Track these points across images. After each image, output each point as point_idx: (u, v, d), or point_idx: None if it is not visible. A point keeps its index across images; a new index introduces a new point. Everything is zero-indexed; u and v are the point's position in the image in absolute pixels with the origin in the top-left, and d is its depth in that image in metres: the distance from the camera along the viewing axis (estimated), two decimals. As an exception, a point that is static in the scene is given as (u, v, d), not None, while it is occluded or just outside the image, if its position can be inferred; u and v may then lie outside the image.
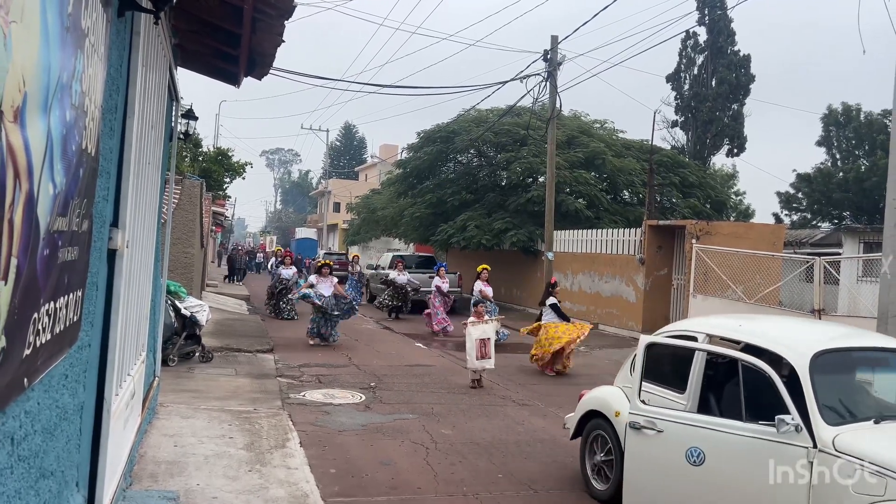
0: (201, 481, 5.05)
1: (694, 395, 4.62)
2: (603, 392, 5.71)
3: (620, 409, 5.07)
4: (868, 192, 26.56)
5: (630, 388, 5.00)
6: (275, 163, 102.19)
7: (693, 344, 4.77)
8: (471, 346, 9.57)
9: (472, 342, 9.56)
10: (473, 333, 9.63)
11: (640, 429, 4.56)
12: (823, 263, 12.36)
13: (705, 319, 5.85)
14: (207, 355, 10.21)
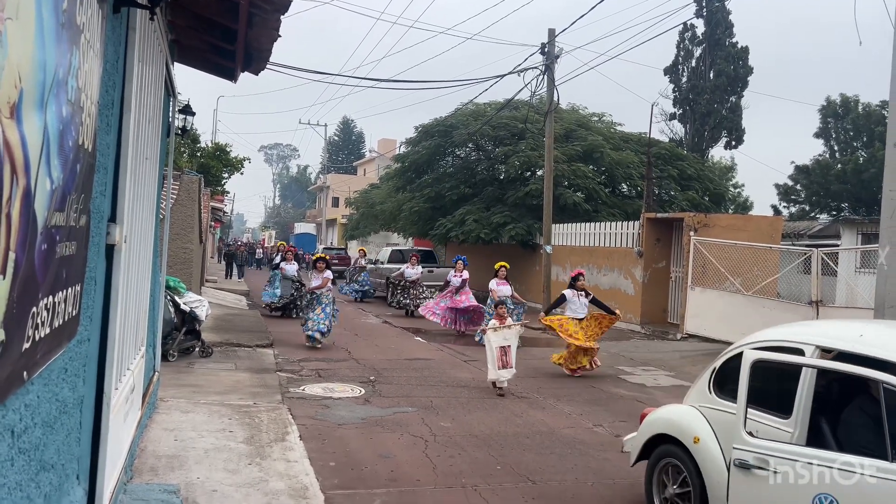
0: (201, 475, 5.08)
1: (802, 422, 3.80)
2: (675, 413, 4.82)
3: (700, 434, 4.32)
4: (866, 183, 26.58)
5: (711, 408, 4.42)
6: (273, 158, 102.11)
7: (819, 363, 3.79)
8: (491, 355, 8.71)
9: (492, 350, 8.67)
10: (493, 341, 8.72)
11: (750, 468, 3.68)
12: (821, 255, 12.40)
13: (810, 327, 4.96)
14: (207, 350, 10.25)
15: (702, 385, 4.72)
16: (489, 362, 8.71)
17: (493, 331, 8.84)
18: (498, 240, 22.06)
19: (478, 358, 11.79)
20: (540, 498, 5.17)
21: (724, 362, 4.56)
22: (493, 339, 8.72)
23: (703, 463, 4.22)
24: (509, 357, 8.68)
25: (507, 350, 8.70)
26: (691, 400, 4.80)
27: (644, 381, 10.27)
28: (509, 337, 8.81)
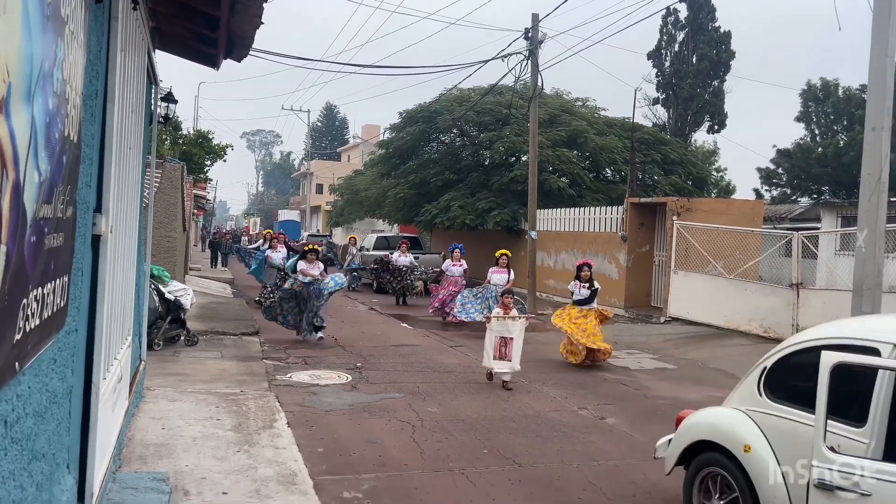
0: (190, 462, 5.11)
1: (879, 432, 3.34)
2: (720, 417, 4.34)
3: (751, 442, 3.90)
4: (846, 166, 26.88)
5: (763, 413, 3.96)
6: (256, 144, 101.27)
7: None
8: (489, 343, 8.38)
9: (491, 339, 8.36)
10: (495, 329, 8.38)
11: (834, 490, 3.20)
12: (801, 238, 12.57)
13: (884, 322, 4.33)
14: (193, 339, 10.23)
15: (749, 386, 4.24)
16: (486, 350, 8.44)
17: (496, 319, 8.48)
18: (483, 226, 22.11)
19: (464, 344, 11.88)
20: (526, 480, 5.26)
21: (778, 361, 4.10)
22: (495, 327, 8.40)
23: (756, 475, 3.79)
24: (509, 350, 8.25)
25: (507, 342, 8.27)
26: (735, 402, 4.32)
27: (628, 364, 10.41)
28: (512, 329, 8.32)
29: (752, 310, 12.91)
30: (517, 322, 8.42)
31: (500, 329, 8.33)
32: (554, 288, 19.41)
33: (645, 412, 7.57)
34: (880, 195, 8.24)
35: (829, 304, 11.42)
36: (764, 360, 4.21)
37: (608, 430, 6.81)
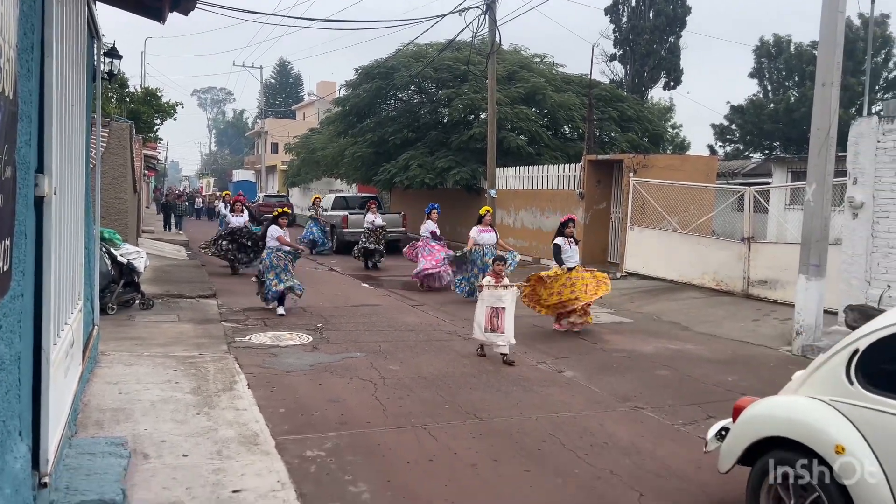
0: (149, 426, 5.06)
1: None
2: (798, 409, 3.57)
3: (845, 442, 3.23)
4: (797, 122, 27.45)
5: (856, 406, 3.30)
6: (207, 102, 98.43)
7: None
8: (479, 314, 7.68)
9: (482, 309, 7.66)
10: (486, 299, 7.67)
11: None
12: (753, 193, 12.85)
13: None
14: (148, 302, 10.04)
15: (832, 371, 3.50)
16: (476, 322, 7.71)
17: (487, 288, 7.74)
18: (443, 185, 22.02)
19: (425, 303, 11.93)
20: (486, 433, 5.35)
21: (879, 342, 3.35)
22: (486, 297, 7.68)
23: (856, 486, 3.15)
24: (501, 320, 7.58)
25: (499, 312, 7.59)
26: (813, 390, 3.58)
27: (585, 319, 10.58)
28: (504, 298, 7.65)
29: (705, 264, 13.22)
30: (509, 290, 7.76)
31: (491, 299, 7.64)
32: (514, 246, 19.49)
33: (601, 365, 7.74)
34: (829, 150, 8.43)
35: (778, 256, 11.76)
36: (854, 340, 3.46)
37: (566, 382, 6.95)
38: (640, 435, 5.40)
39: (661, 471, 4.67)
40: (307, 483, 4.29)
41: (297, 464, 4.59)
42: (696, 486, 4.42)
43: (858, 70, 26.39)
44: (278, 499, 3.98)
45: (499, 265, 8.03)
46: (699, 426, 5.65)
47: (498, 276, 7.91)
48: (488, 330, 7.59)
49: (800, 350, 8.46)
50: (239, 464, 4.46)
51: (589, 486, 4.40)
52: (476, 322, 7.73)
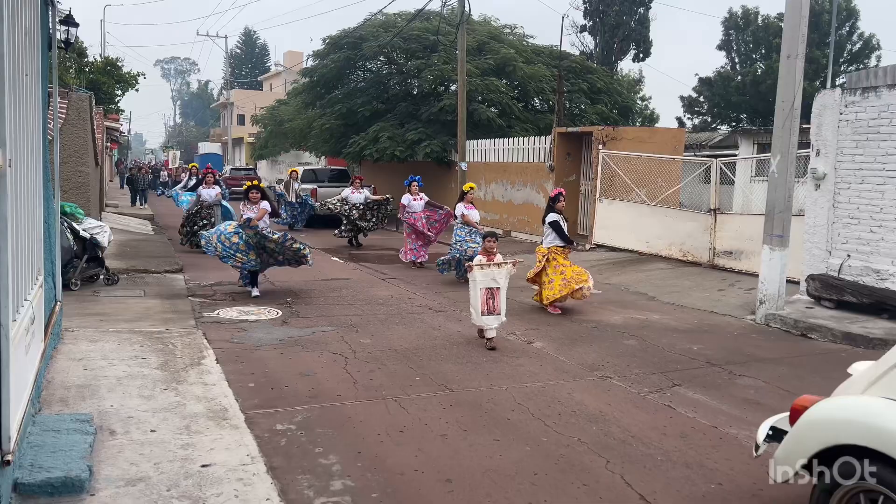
0: (115, 402, 5.00)
1: None
2: (877, 414, 3.08)
3: None
4: (764, 94, 27.74)
5: None
6: (171, 73, 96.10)
7: None
8: (475, 297, 7.14)
9: (477, 292, 7.11)
10: (479, 280, 7.12)
11: None
12: (720, 165, 13.01)
13: None
14: (112, 278, 9.88)
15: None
16: (473, 306, 7.20)
17: (479, 268, 7.18)
18: (413, 157, 21.88)
19: (396, 276, 11.92)
20: (457, 404, 5.40)
21: None
22: (479, 278, 7.13)
23: None
24: (497, 301, 7.13)
25: (494, 293, 7.13)
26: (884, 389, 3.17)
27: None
28: (498, 277, 7.20)
29: (673, 235, 13.40)
30: (503, 269, 7.27)
31: (484, 279, 7.12)
32: (484, 219, 19.56)
33: (570, 336, 7.84)
34: (793, 122, 8.54)
35: (743, 227, 11.96)
36: None
37: (535, 353, 7.03)
38: (608, 403, 5.50)
39: (626, 437, 4.77)
40: (277, 456, 4.29)
41: (267, 437, 4.59)
42: (660, 453, 4.52)
43: (824, 42, 26.70)
44: (248, 472, 3.98)
45: (490, 242, 7.47)
46: (664, 394, 5.77)
47: (490, 253, 7.40)
48: (485, 313, 7.08)
49: (763, 319, 8.66)
50: (208, 438, 4.44)
51: (557, 453, 4.48)
52: (472, 306, 7.19)
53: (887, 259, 8.72)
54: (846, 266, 9.12)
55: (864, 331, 7.74)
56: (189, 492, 3.71)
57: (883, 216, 8.80)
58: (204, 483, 3.81)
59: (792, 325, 8.27)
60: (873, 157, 8.91)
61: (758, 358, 7.04)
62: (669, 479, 4.12)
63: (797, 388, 5.94)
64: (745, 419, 5.18)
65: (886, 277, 8.64)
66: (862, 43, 29.70)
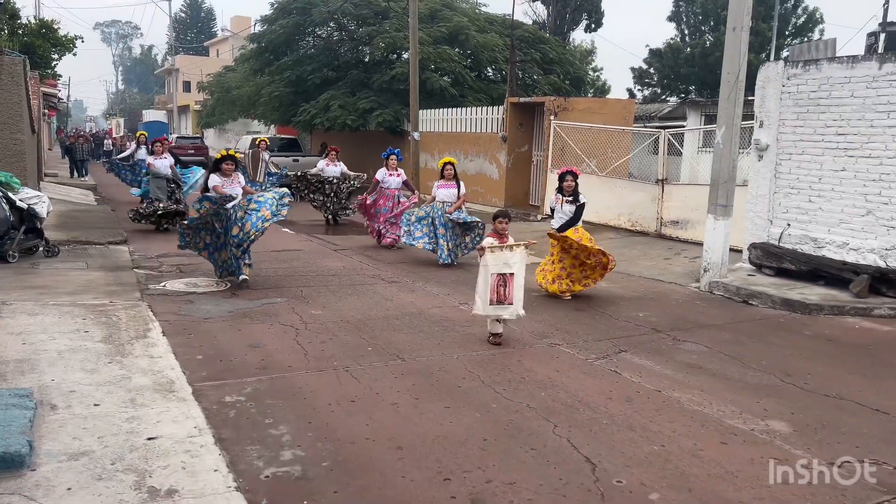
0: (56, 377, 4.87)
1: None
2: None
3: None
4: (712, 66, 28.20)
5: None
6: (111, 37, 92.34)
7: None
8: (483, 283, 6.20)
9: (486, 277, 6.17)
10: (490, 265, 6.16)
11: None
12: (667, 136, 13.22)
13: None
14: (53, 249, 9.55)
15: None
16: (478, 293, 6.25)
17: (490, 252, 6.22)
18: (365, 127, 21.62)
19: (347, 247, 11.83)
20: (408, 373, 5.43)
21: None
22: (491, 262, 6.19)
23: None
24: (510, 289, 6.19)
25: (507, 280, 6.18)
26: None
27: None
28: (512, 262, 6.22)
29: (622, 205, 13.62)
30: (516, 251, 6.29)
31: (496, 264, 6.17)
32: (436, 188, 19.57)
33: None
34: (738, 94, 8.71)
35: (690, 197, 12.23)
36: None
37: (486, 322, 7.09)
38: (556, 370, 5.61)
39: (573, 402, 4.88)
40: (226, 428, 4.26)
41: (215, 409, 4.54)
42: (606, 416, 4.64)
43: (769, 15, 27.22)
44: (196, 444, 3.94)
45: (501, 222, 6.56)
46: (611, 360, 5.91)
47: (501, 235, 6.48)
48: (494, 301, 6.15)
49: (707, 286, 8.91)
50: (154, 411, 4.37)
51: (506, 419, 4.56)
52: (478, 294, 6.25)
53: (824, 228, 9.05)
54: (786, 235, 9.43)
55: (802, 297, 8.04)
56: (135, 465, 3.65)
57: (821, 186, 9.10)
58: (150, 456, 3.76)
59: (734, 293, 8.54)
60: (813, 128, 9.18)
61: (701, 324, 7.26)
62: (614, 442, 4.24)
63: (738, 353, 6.17)
64: (687, 383, 5.35)
65: (823, 245, 8.97)
66: (806, 17, 30.40)
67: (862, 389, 5.32)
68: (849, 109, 8.80)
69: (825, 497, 3.62)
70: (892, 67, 8.39)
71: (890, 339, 6.85)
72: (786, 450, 4.18)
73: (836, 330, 7.13)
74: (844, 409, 4.91)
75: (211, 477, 3.58)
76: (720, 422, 4.60)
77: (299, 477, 3.69)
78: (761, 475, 3.84)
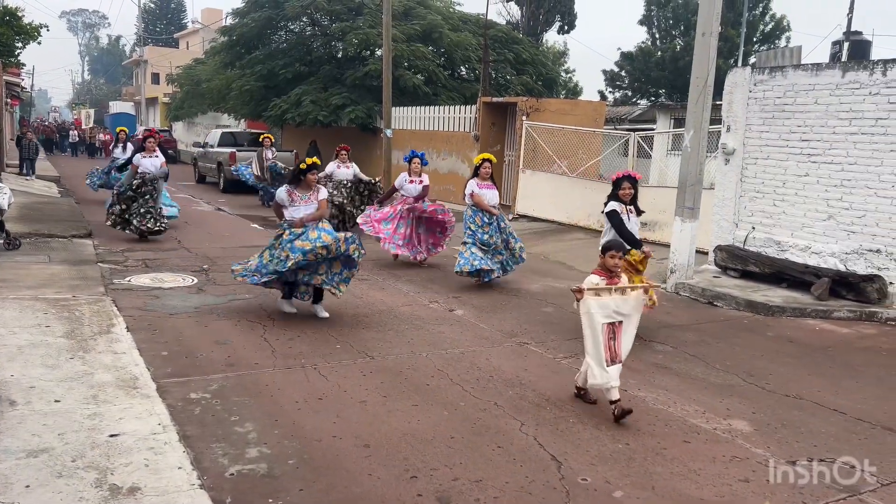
0: (16, 372, 4.76)
1: None
2: None
3: None
4: (681, 70, 28.58)
5: None
6: (78, 26, 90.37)
7: None
8: (592, 339, 4.61)
9: (596, 329, 4.59)
10: (596, 313, 4.59)
11: None
12: (637, 138, 13.38)
13: None
14: (14, 242, 9.33)
15: None
16: (589, 354, 4.63)
17: (593, 295, 4.62)
18: (337, 122, 21.49)
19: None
20: (377, 370, 5.42)
21: None
22: (596, 310, 4.59)
23: None
24: (619, 343, 4.65)
25: (616, 330, 4.65)
26: None
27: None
28: (624, 308, 4.67)
29: (591, 206, 13.72)
30: (631, 294, 4.72)
31: (604, 310, 4.61)
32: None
33: (491, 304, 7.96)
34: (706, 98, 8.85)
35: (658, 199, 12.38)
36: None
37: (456, 321, 7.11)
38: (524, 368, 5.64)
39: (540, 401, 4.92)
40: (191, 425, 4.21)
41: (180, 406, 4.48)
42: (572, 415, 4.69)
43: (738, 22, 27.69)
44: (159, 441, 3.88)
45: (614, 257, 4.78)
46: (579, 359, 5.94)
47: (612, 272, 4.80)
48: (609, 361, 4.59)
49: (673, 287, 9.04)
50: (117, 408, 4.30)
51: (474, 417, 4.57)
52: (589, 356, 4.63)
53: (787, 231, 9.25)
54: (751, 238, 9.61)
55: (765, 299, 8.21)
56: (96, 462, 3.59)
57: (785, 191, 9.30)
58: (112, 453, 3.70)
59: (700, 294, 8.68)
60: (778, 134, 9.37)
61: (667, 325, 7.37)
62: (580, 440, 4.28)
63: (702, 354, 6.28)
64: (652, 382, 5.43)
65: (786, 248, 9.17)
66: (773, 24, 30.97)
67: (821, 390, 5.45)
68: (812, 116, 9.00)
69: (783, 495, 3.71)
70: (855, 76, 8.60)
71: (848, 341, 7.03)
72: (747, 448, 4.27)
73: (797, 331, 7.29)
74: (804, 408, 5.03)
75: (174, 474, 3.54)
76: (684, 421, 4.67)
77: (265, 475, 3.66)
78: (723, 473, 3.92)
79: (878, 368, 6.15)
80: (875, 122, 8.42)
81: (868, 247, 8.47)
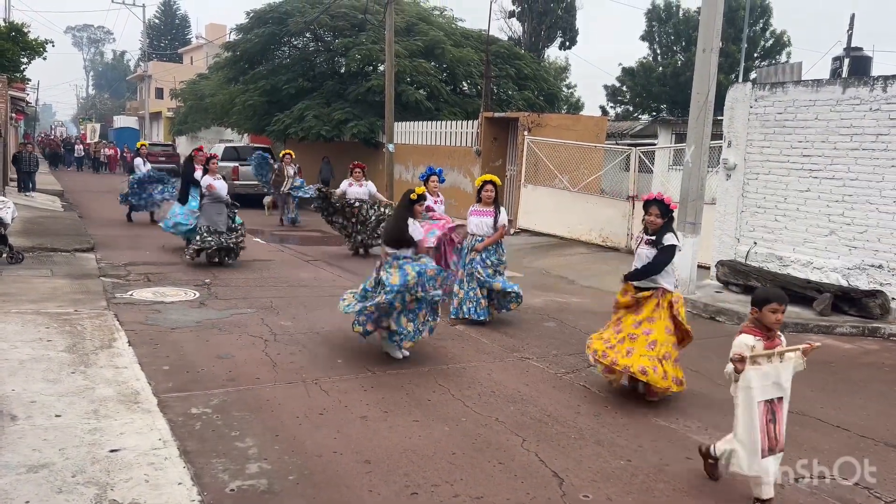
0: (17, 386, 4.76)
1: None
2: None
3: None
4: (683, 86, 28.70)
5: None
6: (83, 41, 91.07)
7: None
8: (748, 421, 3.67)
9: (751, 408, 3.66)
10: (756, 388, 3.66)
11: None
12: (639, 153, 13.42)
13: None
14: (17, 256, 9.35)
15: None
16: (739, 438, 3.71)
17: (753, 365, 3.66)
18: (340, 137, 21.59)
19: (319, 258, 11.76)
20: (378, 386, 5.40)
21: None
22: (756, 384, 3.66)
23: None
24: (780, 425, 3.74)
25: (776, 409, 3.73)
26: None
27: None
28: (784, 376, 3.76)
29: (593, 220, 13.76)
30: (789, 361, 3.79)
31: (765, 384, 3.69)
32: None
33: (492, 319, 7.94)
34: (707, 114, 8.90)
35: (659, 214, 12.41)
36: None
37: (458, 335, 7.10)
38: (526, 384, 5.63)
39: (542, 417, 4.90)
40: (191, 440, 4.19)
41: (181, 421, 4.47)
42: (574, 431, 4.67)
43: (738, 38, 27.83)
44: (160, 456, 3.87)
45: (776, 311, 3.84)
46: (580, 374, 5.96)
47: (770, 335, 3.85)
48: (766, 451, 3.64)
49: (675, 302, 9.02)
50: (118, 423, 4.29)
51: (475, 433, 4.56)
52: (738, 441, 3.70)
53: (789, 246, 9.25)
54: (753, 253, 9.61)
55: (767, 314, 8.19)
56: (96, 477, 3.58)
57: (786, 206, 9.31)
58: (112, 468, 3.69)
59: (702, 309, 8.66)
60: (779, 149, 9.39)
61: (669, 339, 7.34)
62: (582, 457, 4.27)
63: (705, 369, 6.26)
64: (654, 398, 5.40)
65: (788, 264, 9.16)
66: (774, 39, 31.14)
67: (823, 406, 5.43)
68: (813, 132, 9.03)
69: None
70: (855, 92, 8.63)
71: (851, 357, 7.01)
72: (749, 465, 4.24)
73: (799, 347, 7.26)
74: (806, 424, 5.01)
75: (175, 490, 3.53)
76: (686, 437, 4.65)
77: (265, 490, 3.65)
78: (725, 490, 3.89)
79: (880, 384, 6.13)
80: (876, 138, 8.45)
81: (870, 262, 8.47)
